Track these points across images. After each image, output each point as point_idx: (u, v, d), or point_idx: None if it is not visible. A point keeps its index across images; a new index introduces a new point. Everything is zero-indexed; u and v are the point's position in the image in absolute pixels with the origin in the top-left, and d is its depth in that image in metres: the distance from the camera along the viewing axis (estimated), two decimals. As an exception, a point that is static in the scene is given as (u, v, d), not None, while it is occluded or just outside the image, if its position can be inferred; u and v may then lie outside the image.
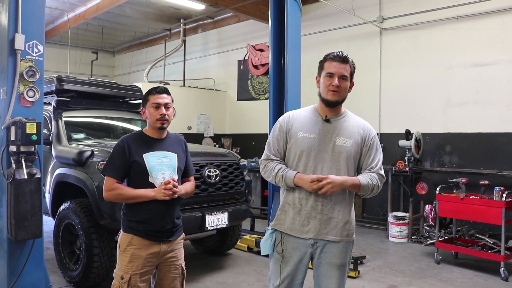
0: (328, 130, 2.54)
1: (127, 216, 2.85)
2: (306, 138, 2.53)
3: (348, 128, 2.56)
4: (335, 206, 2.51)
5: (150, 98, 2.88)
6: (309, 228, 2.52)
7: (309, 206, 2.51)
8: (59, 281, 4.78)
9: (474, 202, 5.47)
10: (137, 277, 2.75)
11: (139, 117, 6.41)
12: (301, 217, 2.53)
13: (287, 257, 2.56)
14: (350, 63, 2.54)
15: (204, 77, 11.85)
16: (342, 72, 2.49)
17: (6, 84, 3.60)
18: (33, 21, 3.68)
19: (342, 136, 2.52)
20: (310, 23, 9.18)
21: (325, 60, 2.55)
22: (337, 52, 2.53)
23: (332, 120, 2.56)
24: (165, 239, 2.85)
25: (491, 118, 6.98)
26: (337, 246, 2.54)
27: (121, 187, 2.80)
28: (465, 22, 7.27)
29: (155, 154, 2.85)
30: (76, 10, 10.88)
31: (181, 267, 2.97)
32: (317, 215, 2.50)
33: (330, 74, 2.49)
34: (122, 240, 2.83)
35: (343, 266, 2.57)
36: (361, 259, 5.53)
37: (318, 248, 2.54)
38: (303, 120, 2.59)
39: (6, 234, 3.59)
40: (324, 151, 2.51)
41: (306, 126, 2.56)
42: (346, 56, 2.52)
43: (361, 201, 8.56)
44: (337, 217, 2.52)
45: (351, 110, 2.73)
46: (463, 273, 5.43)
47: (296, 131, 2.56)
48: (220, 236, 5.84)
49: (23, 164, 3.53)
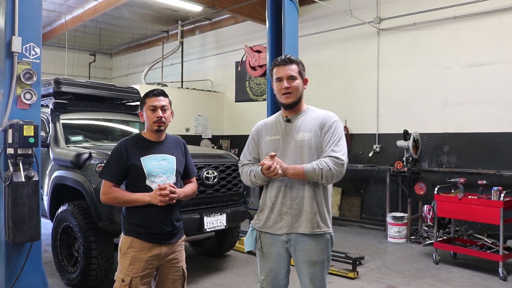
0: (290, 129, 2.68)
1: (127, 219, 2.85)
2: (272, 140, 2.71)
3: (307, 123, 2.67)
4: (303, 200, 2.60)
5: (147, 101, 2.89)
6: (282, 224, 2.64)
7: (279, 203, 2.64)
8: (58, 283, 4.77)
9: (472, 202, 5.48)
10: (138, 280, 2.74)
11: (137, 119, 6.41)
12: (274, 214, 2.66)
13: (266, 253, 2.72)
14: (296, 62, 2.67)
15: (202, 79, 11.85)
16: (288, 73, 2.63)
17: (3, 86, 3.60)
18: (30, 24, 3.69)
19: (301, 131, 2.65)
20: (308, 24, 9.18)
21: (273, 67, 2.71)
22: (281, 57, 2.70)
23: (293, 119, 2.70)
24: (166, 241, 2.84)
25: (488, 118, 6.99)
26: (311, 243, 2.60)
27: (117, 190, 2.81)
28: (462, 22, 7.29)
29: (153, 157, 2.85)
30: (74, 12, 10.87)
31: (182, 269, 2.96)
32: (288, 210, 2.62)
33: (279, 79, 2.65)
34: (122, 242, 2.83)
35: (319, 263, 2.62)
36: (359, 259, 5.52)
37: (292, 245, 2.64)
38: (269, 125, 2.78)
39: (4, 237, 3.59)
40: (287, 149, 2.65)
41: (272, 130, 2.74)
42: (290, 57, 2.67)
43: (360, 201, 8.57)
44: (306, 210, 2.60)
45: (350, 110, 2.77)
46: (462, 273, 5.43)
47: (264, 136, 2.76)
48: (219, 238, 5.84)
49: (21, 167, 3.54)
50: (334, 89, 8.93)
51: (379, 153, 8.29)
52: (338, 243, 6.85)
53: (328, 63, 9.12)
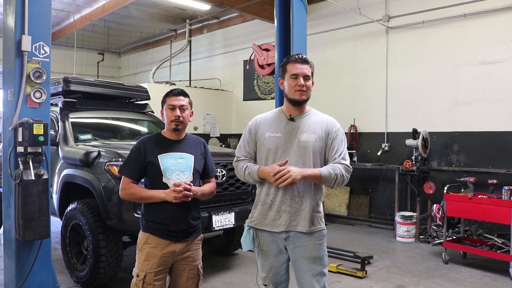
0: (293, 128, 2.68)
1: (144, 215, 2.92)
2: (273, 137, 2.69)
3: (312, 124, 2.69)
4: (303, 199, 2.64)
5: (167, 100, 2.96)
6: (280, 222, 2.65)
7: (278, 201, 2.65)
8: (67, 281, 4.80)
9: (482, 201, 5.43)
10: (152, 275, 2.79)
11: (146, 118, 6.43)
12: (272, 211, 2.67)
13: (265, 250, 2.72)
14: (310, 64, 2.71)
15: (210, 77, 11.85)
16: (305, 72, 2.65)
17: (13, 85, 3.61)
18: (39, 23, 3.70)
19: (306, 132, 2.66)
20: (316, 22, 9.15)
21: (287, 63, 2.71)
22: (298, 55, 2.71)
23: (296, 119, 2.71)
24: (181, 239, 2.87)
25: (499, 117, 6.92)
26: (309, 240, 2.64)
27: (134, 186, 2.87)
28: (472, 20, 7.22)
29: (170, 155, 2.89)
30: (82, 12, 10.92)
31: (198, 268, 2.98)
32: (286, 208, 2.64)
33: (294, 76, 2.65)
34: (139, 238, 2.90)
35: (318, 259, 2.67)
36: (368, 259, 5.50)
37: (290, 242, 2.66)
38: (269, 121, 2.76)
39: (14, 235, 3.61)
40: (290, 148, 2.64)
41: (272, 127, 2.72)
42: (306, 58, 2.70)
43: (368, 200, 8.53)
44: (305, 209, 2.63)
45: (358, 109, 2.77)
46: (472, 273, 5.39)
47: (263, 132, 2.73)
48: (227, 236, 5.84)
49: (31, 165, 3.55)
50: (342, 87, 8.89)
51: (388, 152, 8.24)
52: (346, 242, 6.84)
53: (337, 62, 9.08)
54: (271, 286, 2.73)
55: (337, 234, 7.44)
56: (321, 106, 3.11)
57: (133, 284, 2.83)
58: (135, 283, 2.81)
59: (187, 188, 2.76)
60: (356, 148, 8.52)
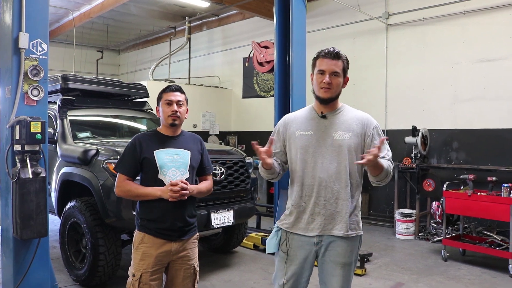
0: (325, 126, 2.54)
1: (140, 214, 2.88)
2: (303, 135, 2.56)
3: (345, 121, 2.55)
4: (338, 200, 2.49)
5: (163, 95, 2.93)
6: (314, 225, 2.50)
7: (312, 203, 2.51)
8: (65, 279, 4.79)
9: (481, 198, 5.43)
10: (148, 275, 2.77)
11: (145, 115, 6.41)
12: (306, 215, 2.52)
13: (292, 255, 2.55)
14: (342, 59, 2.52)
15: (209, 75, 11.83)
16: (333, 68, 2.48)
17: (10, 83, 3.60)
18: (37, 20, 3.68)
19: (340, 130, 2.52)
20: (315, 19, 9.13)
21: (317, 57, 2.55)
22: (329, 49, 2.52)
23: (329, 116, 2.57)
24: (177, 238, 2.84)
25: (498, 114, 6.90)
26: (342, 245, 2.49)
27: (130, 183, 2.84)
28: (472, 17, 7.20)
29: (166, 151, 2.86)
30: (81, 9, 10.90)
31: (194, 266, 2.95)
32: (320, 210, 2.49)
33: (321, 71, 2.50)
34: (135, 238, 2.88)
35: (348, 265, 2.53)
36: (367, 256, 5.50)
37: (323, 246, 2.51)
38: (300, 120, 2.63)
39: (12, 233, 3.59)
40: (323, 146, 2.51)
41: (303, 125, 2.59)
42: (338, 52, 2.51)
43: (368, 198, 8.52)
44: (341, 211, 2.49)
45: (358, 107, 2.73)
46: (471, 270, 5.39)
47: (294, 131, 2.60)
48: (226, 234, 5.83)
49: (28, 163, 3.53)
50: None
51: (387, 149, 8.22)
52: (345, 239, 6.83)
53: (336, 59, 9.04)
54: None
55: (337, 232, 7.42)
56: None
57: (129, 284, 2.81)
58: (131, 283, 2.79)
59: (184, 187, 2.74)
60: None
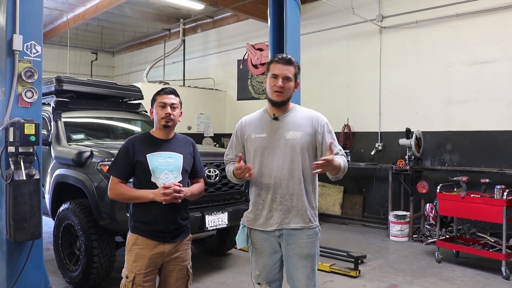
0: (277, 127, 2.69)
1: (133, 216, 2.89)
2: (258, 138, 2.71)
3: (296, 121, 2.69)
4: (293, 196, 2.64)
5: (158, 98, 2.95)
6: (273, 221, 2.66)
7: (269, 200, 2.66)
8: (59, 282, 4.78)
9: (475, 200, 5.46)
10: (141, 277, 2.78)
11: (139, 117, 6.40)
12: (264, 211, 2.68)
13: (259, 248, 2.73)
14: (294, 65, 2.67)
15: (204, 77, 11.83)
16: (285, 73, 2.63)
17: (4, 85, 3.59)
18: (31, 22, 3.67)
19: (291, 130, 2.67)
20: (310, 22, 9.15)
21: (271, 62, 2.71)
22: (283, 55, 2.70)
23: (280, 117, 2.71)
24: (170, 240, 2.85)
25: (491, 116, 6.95)
26: (302, 237, 2.64)
27: (123, 186, 2.85)
28: (465, 20, 7.25)
29: (159, 154, 2.87)
30: (75, 11, 10.87)
31: (187, 268, 2.97)
32: (278, 206, 2.65)
33: (274, 76, 2.64)
34: (128, 239, 2.89)
35: (311, 256, 2.67)
36: (361, 258, 5.51)
37: (283, 240, 2.66)
38: (254, 122, 2.79)
39: (5, 235, 3.58)
40: (276, 147, 2.65)
41: (258, 128, 2.74)
42: (290, 58, 2.67)
43: (362, 200, 8.55)
44: (297, 206, 2.64)
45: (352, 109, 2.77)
46: (464, 272, 5.41)
47: (249, 134, 2.76)
48: (220, 236, 5.83)
49: (22, 165, 3.53)
50: (336, 87, 8.89)
51: (381, 151, 8.26)
52: (340, 241, 6.85)
53: (330, 61, 9.08)
54: (265, 284, 2.74)
55: (331, 234, 7.44)
56: (314, 106, 3.11)
57: (123, 285, 2.82)
58: (125, 284, 2.80)
59: (176, 190, 2.75)
60: (349, 147, 8.53)
